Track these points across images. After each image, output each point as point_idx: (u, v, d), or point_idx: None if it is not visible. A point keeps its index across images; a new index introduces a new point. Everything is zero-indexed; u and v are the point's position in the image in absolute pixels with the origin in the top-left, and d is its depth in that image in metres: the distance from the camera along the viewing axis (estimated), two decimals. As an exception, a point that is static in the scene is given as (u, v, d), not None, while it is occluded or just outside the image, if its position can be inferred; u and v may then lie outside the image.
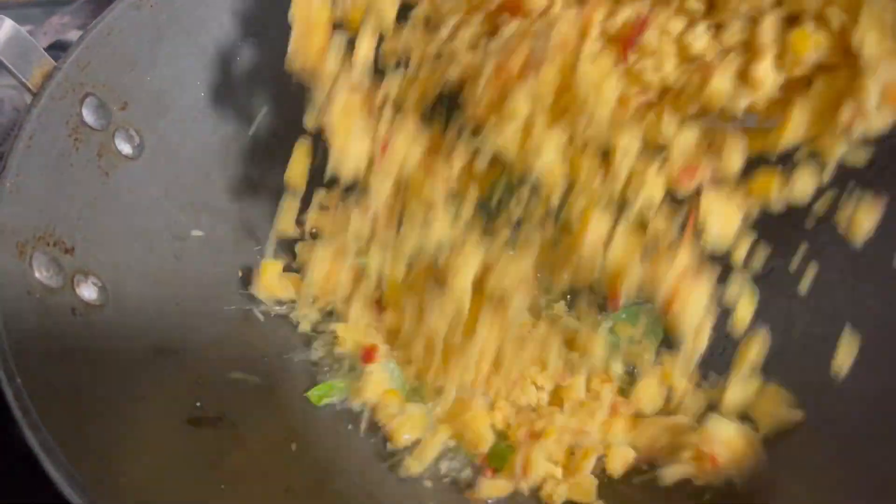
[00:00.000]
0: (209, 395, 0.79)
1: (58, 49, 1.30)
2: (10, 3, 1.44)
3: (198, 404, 0.77)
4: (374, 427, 0.85)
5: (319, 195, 0.88)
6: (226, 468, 0.73)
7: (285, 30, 1.00)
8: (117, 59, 0.85)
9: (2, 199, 0.71)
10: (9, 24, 0.78)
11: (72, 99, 0.80)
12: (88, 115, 0.81)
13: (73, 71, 0.80)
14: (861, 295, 0.81)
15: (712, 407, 0.81)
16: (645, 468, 0.81)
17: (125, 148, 0.85)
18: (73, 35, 1.33)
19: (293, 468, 0.77)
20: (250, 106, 0.99)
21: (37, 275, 0.71)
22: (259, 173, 0.99)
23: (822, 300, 0.82)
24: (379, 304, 0.89)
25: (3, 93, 1.24)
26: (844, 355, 0.74)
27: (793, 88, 0.60)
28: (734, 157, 0.63)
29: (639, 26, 0.60)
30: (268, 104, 1.00)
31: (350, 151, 0.75)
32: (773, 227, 0.70)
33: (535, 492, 0.80)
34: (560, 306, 0.91)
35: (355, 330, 0.88)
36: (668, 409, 0.84)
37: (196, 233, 0.91)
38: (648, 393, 0.84)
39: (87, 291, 0.75)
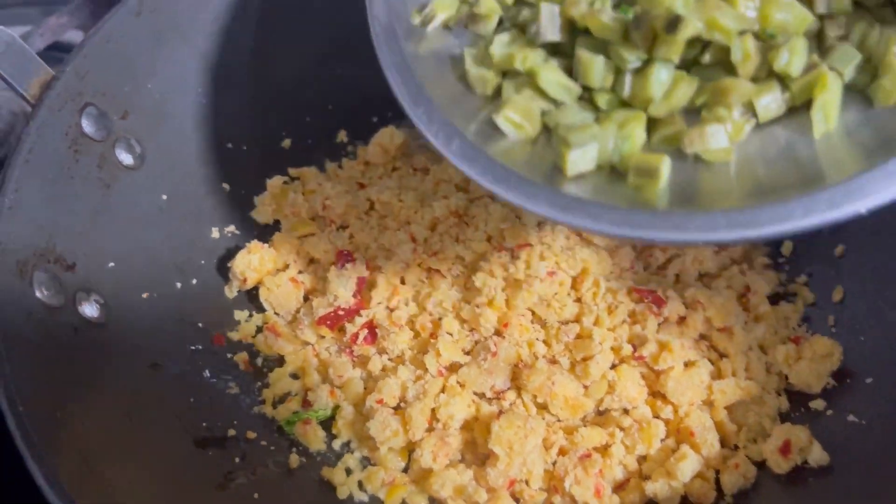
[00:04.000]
0: (215, 415, 0.77)
1: (56, 50, 1.28)
2: (7, 2, 1.41)
3: (204, 424, 0.76)
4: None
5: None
6: (233, 491, 0.71)
7: (286, 33, 0.99)
8: (117, 67, 0.82)
9: (1, 217, 0.69)
10: (5, 34, 0.76)
11: (71, 109, 0.78)
12: (88, 126, 0.79)
13: (72, 80, 0.78)
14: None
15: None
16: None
17: (126, 158, 0.83)
18: (71, 35, 1.30)
19: (303, 490, 0.75)
20: (252, 110, 0.97)
21: (38, 294, 0.69)
22: (262, 179, 0.97)
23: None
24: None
25: (-1, 96, 1.22)
26: None
27: None
28: None
29: None
30: (269, 109, 0.98)
31: None
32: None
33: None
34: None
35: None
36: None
37: (199, 243, 0.90)
38: None
39: (89, 309, 0.74)
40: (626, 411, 0.77)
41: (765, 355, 0.81)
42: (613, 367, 0.78)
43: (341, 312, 0.82)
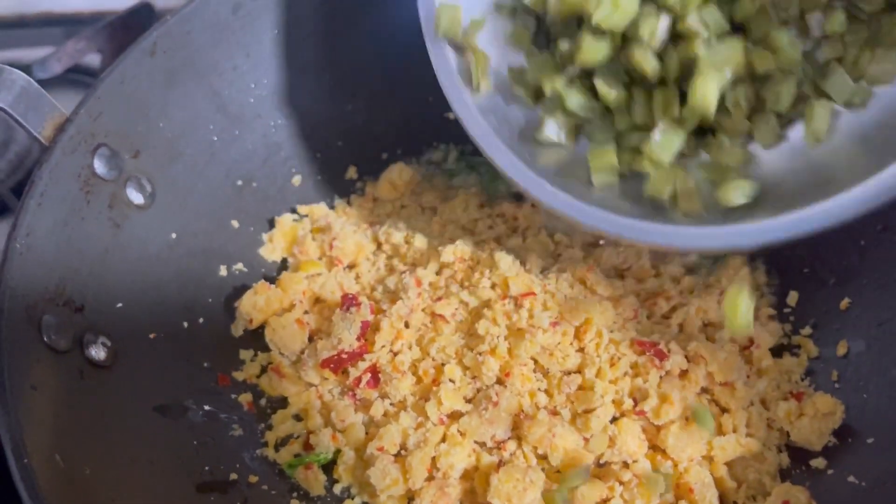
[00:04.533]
0: (217, 459, 0.78)
1: (75, 73, 1.30)
2: (29, 22, 1.43)
3: (206, 468, 0.76)
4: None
5: None
6: (234, 537, 0.72)
7: (297, 71, 1.00)
8: (130, 106, 0.83)
9: (13, 263, 0.70)
10: (20, 77, 0.77)
11: (83, 151, 0.78)
12: (100, 166, 0.80)
13: (85, 122, 0.79)
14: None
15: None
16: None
17: (136, 197, 0.84)
18: (90, 59, 1.32)
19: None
20: (262, 146, 0.98)
21: (45, 339, 0.70)
22: (271, 216, 0.98)
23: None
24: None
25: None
26: None
27: None
28: None
29: None
30: (279, 146, 0.99)
31: None
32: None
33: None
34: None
35: None
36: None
37: (207, 281, 0.91)
38: None
39: (96, 352, 0.75)
40: (626, 465, 0.77)
41: (766, 410, 0.81)
42: (614, 419, 0.78)
43: (345, 356, 0.83)
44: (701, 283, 0.89)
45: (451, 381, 0.81)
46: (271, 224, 0.98)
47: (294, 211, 0.99)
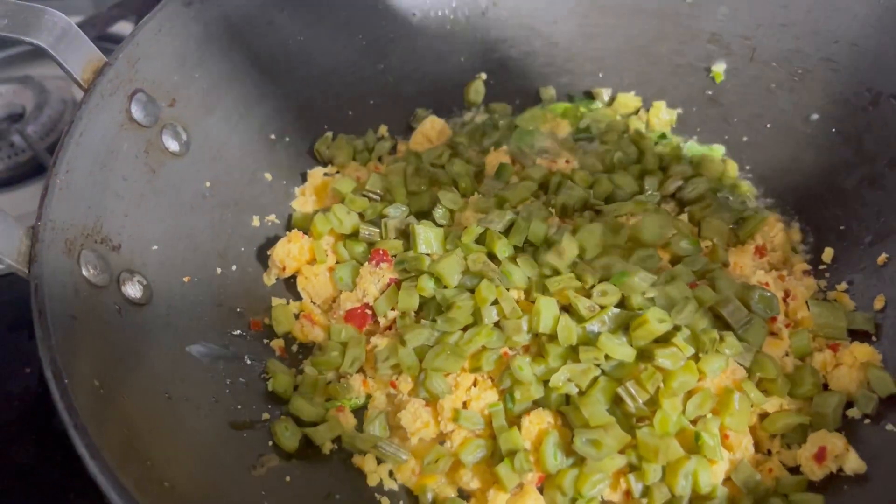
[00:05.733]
0: (250, 399, 0.78)
1: (106, 41, 1.31)
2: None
3: (239, 407, 0.77)
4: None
5: None
6: (265, 473, 0.72)
7: (331, 27, 1.00)
8: (166, 55, 0.84)
9: (53, 196, 0.70)
10: (61, 18, 0.78)
11: (121, 95, 0.79)
12: (137, 112, 0.81)
13: (124, 67, 0.80)
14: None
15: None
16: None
17: (172, 145, 0.85)
18: (121, 27, 1.34)
19: (333, 476, 0.76)
20: (296, 102, 0.99)
21: (84, 273, 0.70)
22: (303, 170, 0.99)
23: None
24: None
25: (50, 84, 1.25)
26: None
27: None
28: None
29: None
30: (312, 102, 1.00)
31: None
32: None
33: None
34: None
35: None
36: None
37: (240, 230, 0.91)
38: None
39: (133, 290, 0.75)
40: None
41: (801, 362, 0.80)
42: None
43: (368, 311, 0.83)
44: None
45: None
46: (303, 178, 0.98)
47: (326, 165, 0.99)
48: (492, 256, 0.82)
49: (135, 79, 0.81)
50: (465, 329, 0.78)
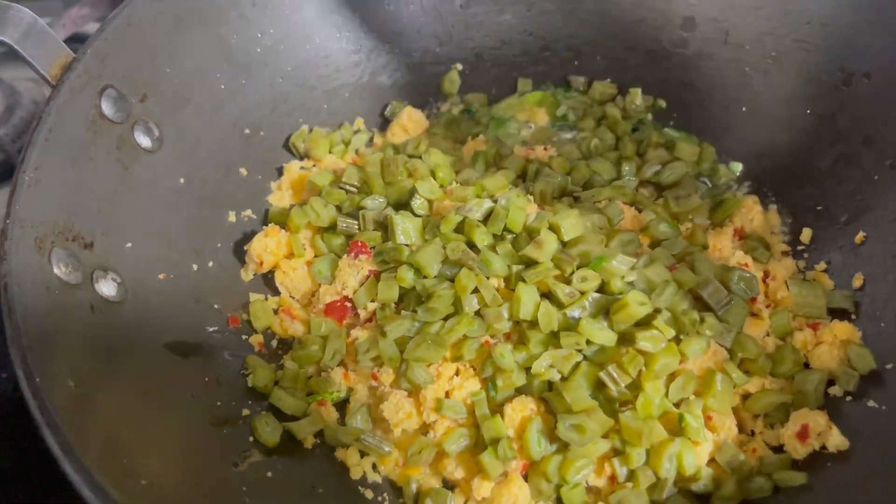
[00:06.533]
0: (230, 395, 0.77)
1: (76, 42, 1.28)
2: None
3: (219, 403, 0.76)
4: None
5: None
6: (247, 469, 0.71)
7: (307, 21, 1.00)
8: (137, 50, 0.83)
9: (21, 193, 0.69)
10: (27, 14, 0.76)
11: (91, 91, 0.78)
12: (107, 108, 0.79)
13: (93, 62, 0.78)
14: None
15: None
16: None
17: (144, 141, 0.84)
18: (91, 28, 1.32)
19: (316, 470, 0.75)
20: (270, 96, 0.98)
21: (56, 271, 0.69)
22: (279, 165, 0.98)
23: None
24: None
25: (21, 86, 1.23)
26: None
27: None
28: None
29: None
30: (287, 95, 0.99)
31: None
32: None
33: None
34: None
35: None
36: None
37: (216, 226, 0.90)
38: None
39: (107, 288, 0.74)
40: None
41: (782, 341, 0.80)
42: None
43: (348, 304, 0.83)
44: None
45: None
46: (279, 172, 0.97)
47: (302, 159, 0.98)
48: (471, 245, 0.81)
49: (104, 74, 0.79)
50: (445, 318, 0.78)
